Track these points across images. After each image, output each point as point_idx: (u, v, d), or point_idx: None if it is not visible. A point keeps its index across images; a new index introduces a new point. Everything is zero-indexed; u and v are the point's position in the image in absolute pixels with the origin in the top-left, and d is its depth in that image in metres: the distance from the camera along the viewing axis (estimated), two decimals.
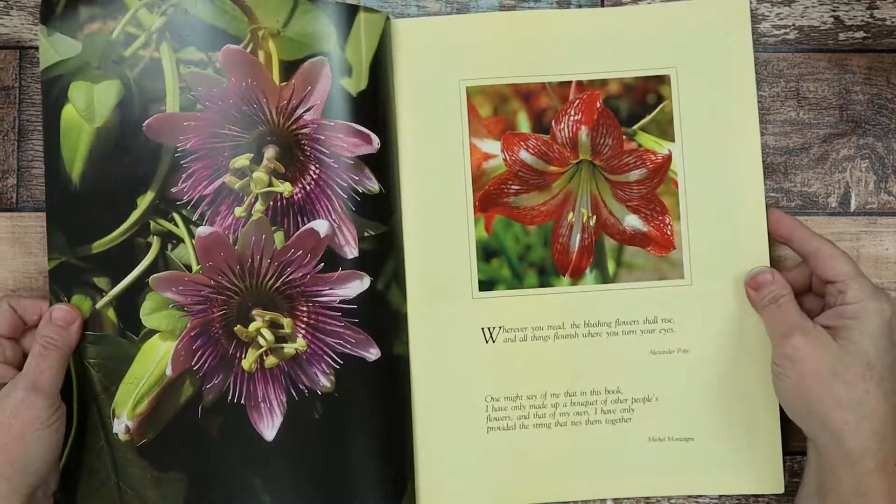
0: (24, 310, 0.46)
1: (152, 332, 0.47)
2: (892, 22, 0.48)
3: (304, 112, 0.46)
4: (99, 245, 0.47)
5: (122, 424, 0.47)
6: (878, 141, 0.48)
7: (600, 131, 0.48)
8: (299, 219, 0.47)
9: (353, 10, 0.46)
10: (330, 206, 0.47)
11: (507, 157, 0.48)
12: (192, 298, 0.47)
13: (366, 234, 0.47)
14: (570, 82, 0.48)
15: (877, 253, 0.48)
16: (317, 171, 0.47)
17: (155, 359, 0.47)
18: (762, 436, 0.48)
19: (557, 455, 0.48)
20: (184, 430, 0.47)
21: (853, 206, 0.48)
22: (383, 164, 0.47)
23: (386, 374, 0.47)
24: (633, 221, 0.49)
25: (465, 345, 0.48)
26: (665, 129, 0.48)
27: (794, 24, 0.48)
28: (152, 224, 0.47)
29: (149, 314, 0.47)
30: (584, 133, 0.48)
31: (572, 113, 0.47)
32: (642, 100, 0.49)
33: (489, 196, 0.49)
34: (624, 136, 0.48)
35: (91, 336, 0.47)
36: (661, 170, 0.48)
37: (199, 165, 0.47)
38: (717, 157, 0.49)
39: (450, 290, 0.49)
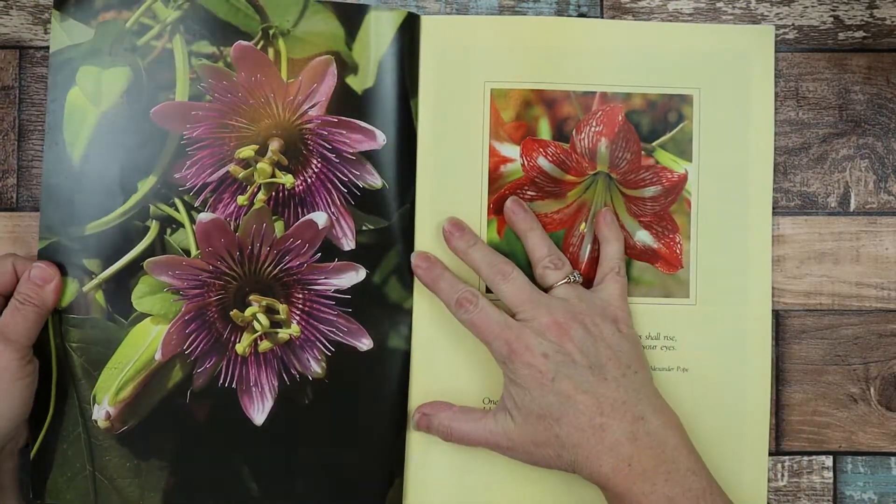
0: (23, 269, 0.48)
1: (143, 316, 0.49)
2: (892, 22, 0.48)
3: (309, 108, 0.50)
4: (94, 226, 0.49)
5: (102, 411, 0.49)
6: (877, 141, 0.48)
7: (620, 145, 0.51)
8: (299, 210, 0.50)
9: (363, 10, 0.50)
10: (329, 199, 0.50)
11: (526, 163, 0.51)
12: (188, 282, 0.50)
13: (364, 227, 0.50)
14: (594, 93, 0.51)
15: (877, 253, 0.48)
16: (318, 165, 0.50)
17: (144, 343, 0.49)
18: (749, 461, 0.51)
19: None
20: (169, 415, 0.49)
21: (853, 206, 0.48)
22: (389, 160, 0.50)
23: (378, 365, 0.50)
24: (643, 237, 0.51)
25: (468, 345, 0.50)
26: (684, 149, 0.51)
27: (793, 24, 0.48)
28: (152, 208, 0.49)
29: (141, 297, 0.49)
30: (603, 145, 0.51)
31: (594, 124, 0.50)
32: (664, 117, 0.52)
33: (504, 200, 0.51)
34: (643, 152, 0.51)
35: (75, 319, 0.49)
36: (676, 188, 0.51)
37: (205, 154, 0.50)
38: (731, 182, 0.52)
39: None
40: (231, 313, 0.50)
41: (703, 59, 0.51)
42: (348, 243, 0.50)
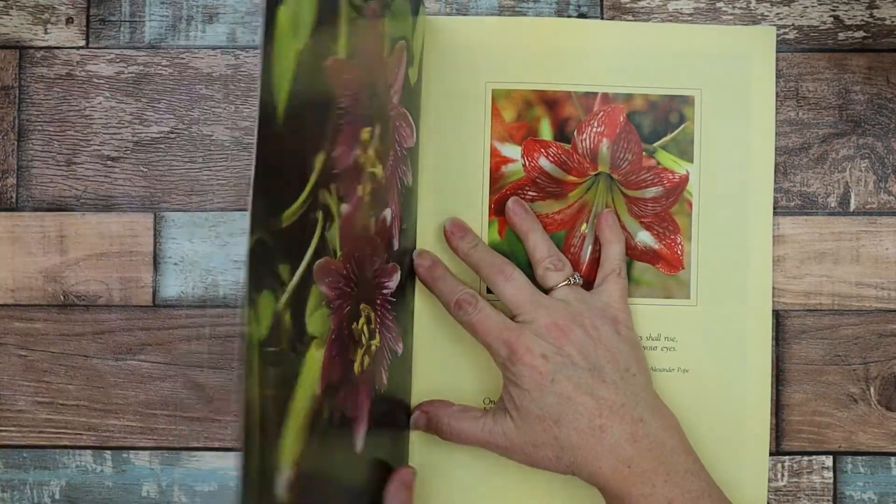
0: None
1: (310, 340, 0.36)
2: (892, 22, 0.48)
3: (393, 94, 0.45)
4: (289, 216, 0.33)
5: (284, 479, 0.33)
6: (877, 141, 0.48)
7: (621, 145, 0.52)
8: (379, 206, 0.43)
9: (418, 1, 0.48)
10: (393, 196, 0.45)
11: (527, 163, 0.52)
12: (335, 292, 0.38)
13: (403, 226, 0.48)
14: (595, 94, 0.52)
15: (877, 253, 0.48)
16: (392, 158, 0.45)
17: (314, 375, 0.36)
18: (749, 462, 0.51)
19: None
20: (336, 465, 0.38)
21: (853, 206, 0.48)
22: (415, 159, 0.50)
23: (405, 368, 0.49)
24: (644, 238, 0.52)
25: (468, 345, 0.50)
26: (685, 150, 0.52)
27: (793, 24, 0.48)
28: (321, 195, 0.36)
29: (311, 314, 0.35)
30: (605, 146, 0.52)
31: (595, 124, 0.51)
32: (665, 118, 0.52)
33: (505, 200, 0.52)
34: (644, 153, 0.52)
35: (272, 354, 0.32)
36: (677, 189, 0.52)
37: (350, 130, 0.38)
38: (732, 183, 0.52)
39: None
40: (353, 326, 0.40)
41: (705, 60, 0.52)
42: (395, 242, 0.47)
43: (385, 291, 0.45)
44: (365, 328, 0.42)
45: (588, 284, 0.51)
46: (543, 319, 0.46)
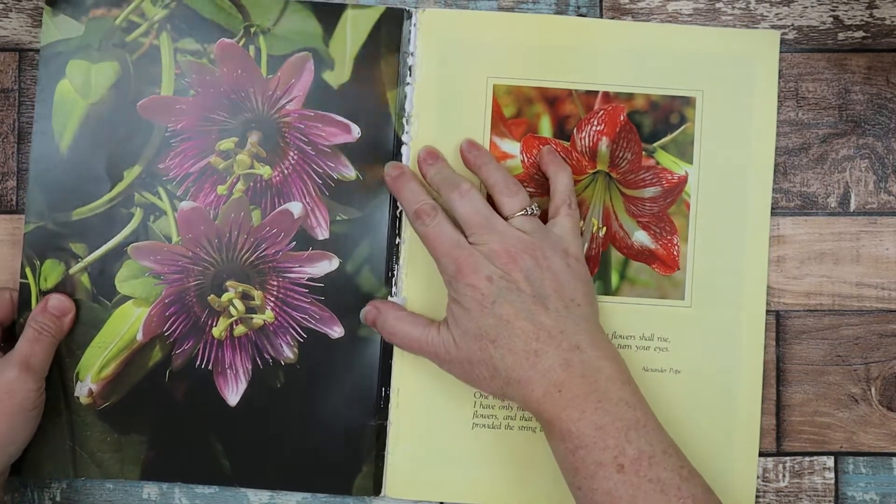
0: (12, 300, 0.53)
1: (125, 299, 0.53)
2: (892, 21, 0.49)
3: (286, 102, 0.54)
4: (80, 213, 0.53)
5: (84, 388, 0.53)
6: (877, 141, 0.49)
7: (621, 144, 0.53)
8: (276, 199, 0.54)
9: (340, 9, 0.54)
10: (305, 190, 0.54)
11: (526, 159, 0.53)
12: (169, 268, 0.54)
13: (338, 218, 0.54)
14: (597, 92, 0.53)
15: (877, 253, 0.49)
16: (295, 157, 0.54)
17: (126, 324, 0.53)
18: (739, 464, 0.53)
19: (538, 460, 0.51)
20: (149, 393, 0.54)
21: (853, 206, 0.49)
22: (364, 152, 0.54)
23: (349, 352, 0.54)
24: (641, 237, 0.53)
25: None
26: (684, 151, 0.53)
27: (793, 24, 0.49)
28: (137, 196, 0.53)
29: (124, 281, 0.53)
30: (604, 144, 0.53)
31: (595, 123, 0.52)
32: (666, 118, 0.53)
33: None
34: (643, 153, 0.53)
35: None
36: (675, 190, 0.53)
37: (188, 145, 0.54)
38: (731, 186, 0.53)
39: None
40: (208, 298, 0.54)
41: (708, 62, 0.53)
42: (322, 233, 0.54)
43: (293, 275, 0.54)
44: (237, 302, 0.53)
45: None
46: (495, 244, 0.48)
